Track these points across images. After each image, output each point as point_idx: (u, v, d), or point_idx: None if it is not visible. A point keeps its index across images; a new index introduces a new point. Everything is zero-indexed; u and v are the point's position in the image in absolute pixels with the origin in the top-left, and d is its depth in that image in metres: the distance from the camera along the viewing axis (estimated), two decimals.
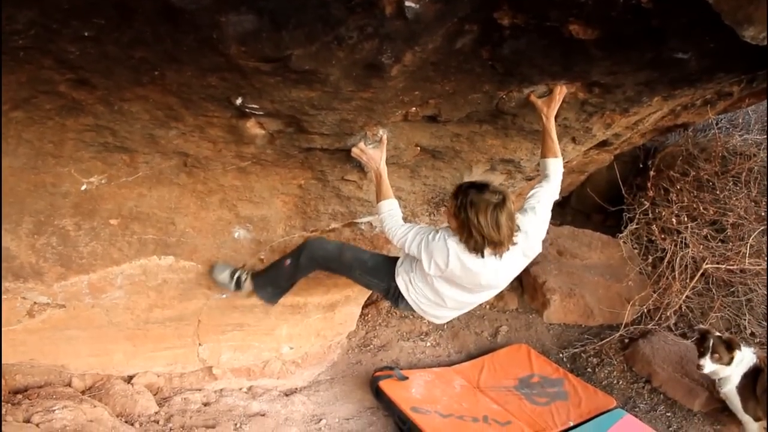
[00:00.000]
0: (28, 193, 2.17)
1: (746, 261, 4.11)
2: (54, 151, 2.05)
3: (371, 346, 4.20)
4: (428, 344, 4.26)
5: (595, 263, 4.85)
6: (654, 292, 4.35)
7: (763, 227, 4.30)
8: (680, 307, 4.23)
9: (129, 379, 3.21)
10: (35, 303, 2.60)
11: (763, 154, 4.67)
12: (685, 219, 4.48)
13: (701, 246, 4.35)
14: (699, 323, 4.09)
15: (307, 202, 2.68)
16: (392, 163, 2.45)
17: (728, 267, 4.22)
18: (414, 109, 2.15)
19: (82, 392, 3.04)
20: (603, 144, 3.16)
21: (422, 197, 2.87)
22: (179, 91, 1.82)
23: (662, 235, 4.53)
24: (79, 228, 2.38)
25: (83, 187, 2.23)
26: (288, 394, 3.60)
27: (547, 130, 2.23)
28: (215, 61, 1.63)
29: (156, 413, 3.04)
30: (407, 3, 1.45)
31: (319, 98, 1.89)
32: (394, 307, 2.73)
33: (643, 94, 2.20)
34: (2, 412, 2.57)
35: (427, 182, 2.75)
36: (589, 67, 1.95)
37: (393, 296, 2.50)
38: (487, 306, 4.59)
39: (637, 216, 4.78)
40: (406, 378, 3.67)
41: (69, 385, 3.07)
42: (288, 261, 2.63)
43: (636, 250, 4.78)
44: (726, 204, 4.49)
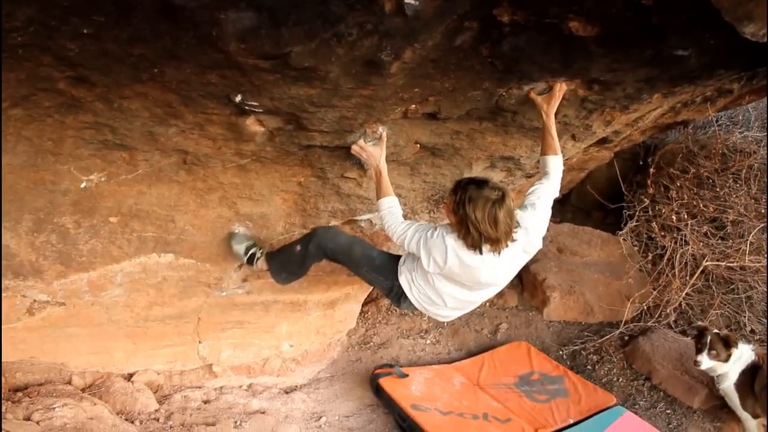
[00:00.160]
0: (28, 191, 2.16)
1: (746, 258, 4.12)
2: (53, 148, 2.04)
3: (371, 343, 4.20)
4: (428, 342, 4.26)
5: (595, 260, 4.85)
6: (654, 289, 4.36)
7: (763, 224, 4.30)
8: (680, 305, 4.23)
9: (129, 377, 3.22)
10: (35, 301, 2.61)
11: (763, 151, 4.65)
12: (685, 216, 4.48)
13: (701, 243, 4.35)
14: (699, 320, 4.10)
15: (306, 199, 2.68)
16: (392, 161, 2.45)
17: (728, 264, 4.22)
18: (414, 106, 2.14)
19: (83, 390, 3.05)
20: (603, 141, 3.15)
21: (422, 194, 2.87)
22: (179, 89, 1.82)
23: (662, 233, 4.53)
24: (79, 226, 2.38)
25: (83, 185, 2.23)
26: (288, 391, 3.61)
27: (547, 128, 2.23)
28: (215, 58, 1.62)
29: (156, 411, 3.05)
30: (407, 0, 1.44)
31: (319, 95, 1.89)
32: (396, 306, 2.72)
33: (643, 91, 2.19)
34: (2, 409, 2.58)
35: (427, 179, 2.75)
36: (589, 64, 1.94)
37: (395, 295, 2.49)
38: (487, 303, 4.59)
39: (637, 213, 4.77)
40: (406, 375, 3.68)
41: (69, 382, 3.07)
42: (298, 247, 2.61)
43: (636, 248, 4.78)
44: (726, 201, 4.48)
